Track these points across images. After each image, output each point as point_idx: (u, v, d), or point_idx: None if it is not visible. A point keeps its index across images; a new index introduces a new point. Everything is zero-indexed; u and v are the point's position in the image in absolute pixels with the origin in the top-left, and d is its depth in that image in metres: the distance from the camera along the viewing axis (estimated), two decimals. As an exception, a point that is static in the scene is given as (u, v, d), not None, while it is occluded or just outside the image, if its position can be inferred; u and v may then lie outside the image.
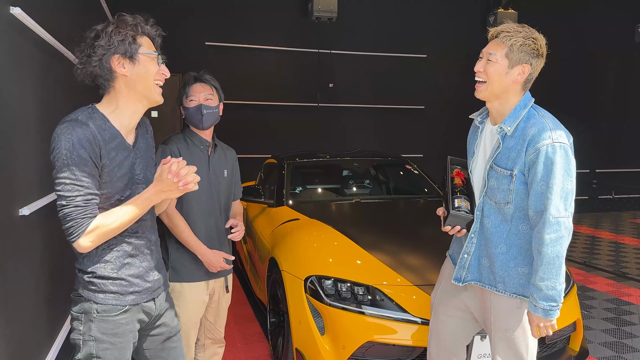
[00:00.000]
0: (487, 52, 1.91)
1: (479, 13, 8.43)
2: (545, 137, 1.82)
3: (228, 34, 7.45)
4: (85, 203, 1.48)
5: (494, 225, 1.97)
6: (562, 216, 1.80)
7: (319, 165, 4.79)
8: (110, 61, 1.54)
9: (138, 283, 1.65)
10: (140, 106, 1.63)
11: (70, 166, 1.46)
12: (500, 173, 1.92)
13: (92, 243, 1.50)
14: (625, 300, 4.59)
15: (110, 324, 1.60)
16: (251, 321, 4.02)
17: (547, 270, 1.82)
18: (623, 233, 7.69)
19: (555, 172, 1.79)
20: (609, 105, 9.42)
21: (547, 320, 1.86)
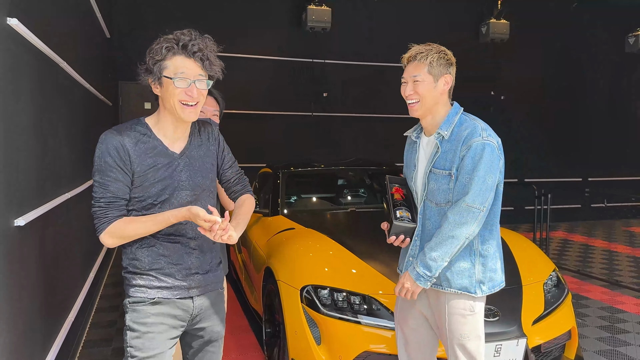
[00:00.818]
0: (410, 75, 2.09)
1: (472, 23, 8.51)
2: (476, 136, 1.99)
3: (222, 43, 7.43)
4: (107, 204, 1.65)
5: (434, 226, 2.08)
6: (475, 207, 1.96)
7: (314, 175, 4.80)
8: (148, 80, 1.71)
9: (167, 280, 1.75)
10: (177, 121, 1.74)
11: (99, 171, 1.66)
12: (439, 174, 2.06)
13: (112, 242, 1.67)
14: (619, 309, 4.61)
15: (140, 313, 1.73)
16: (246, 332, 4.00)
17: (439, 243, 1.98)
18: (616, 241, 7.74)
19: (479, 167, 1.95)
20: (599, 114, 9.52)
21: (414, 285, 2.03)
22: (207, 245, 1.86)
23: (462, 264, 2.06)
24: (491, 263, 2.08)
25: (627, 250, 7.13)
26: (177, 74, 1.67)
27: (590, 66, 9.34)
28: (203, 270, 1.84)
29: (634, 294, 5.05)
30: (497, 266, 2.11)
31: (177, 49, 1.68)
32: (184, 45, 1.69)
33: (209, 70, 1.74)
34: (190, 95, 1.68)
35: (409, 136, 2.32)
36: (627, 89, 9.65)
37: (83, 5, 4.16)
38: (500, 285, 2.13)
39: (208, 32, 1.85)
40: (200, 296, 1.83)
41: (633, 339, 3.91)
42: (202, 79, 1.71)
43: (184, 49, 1.69)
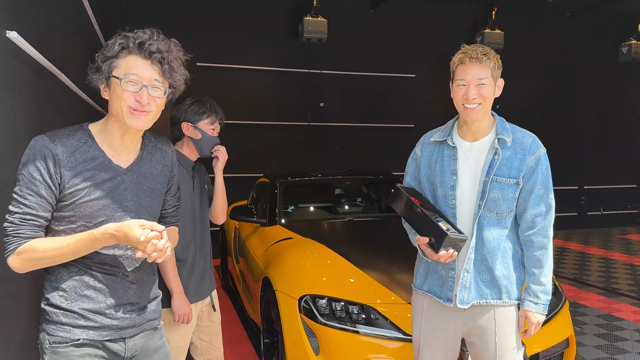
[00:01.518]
0: (475, 77, 1.93)
1: (466, 34, 8.58)
2: (540, 146, 1.99)
3: (219, 54, 7.52)
4: (21, 222, 1.40)
5: (494, 237, 1.98)
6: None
7: (311, 184, 4.80)
8: (98, 82, 1.48)
9: (95, 319, 1.49)
10: (126, 128, 1.49)
11: (19, 182, 1.41)
12: (504, 183, 1.96)
13: (19, 265, 1.40)
14: (616, 316, 4.62)
15: (62, 356, 1.46)
16: (244, 342, 3.99)
17: (549, 265, 1.97)
18: (612, 249, 7.76)
19: (549, 177, 1.99)
20: (594, 122, 9.58)
21: (543, 315, 1.98)
22: (147, 278, 1.63)
23: (517, 274, 2.03)
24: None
25: (623, 258, 7.15)
26: (127, 74, 1.43)
27: (584, 75, 9.42)
28: (140, 306, 1.59)
29: (631, 302, 5.06)
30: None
31: (133, 47, 1.44)
32: (140, 44, 1.44)
33: (169, 77, 1.49)
34: (139, 102, 1.44)
35: (437, 141, 2.12)
36: (621, 98, 9.73)
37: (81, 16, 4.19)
38: None
39: (206, 44, 1.80)
40: (134, 337, 1.58)
41: (631, 346, 3.92)
42: (158, 86, 1.47)
43: (140, 47, 1.44)
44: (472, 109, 1.94)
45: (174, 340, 2.29)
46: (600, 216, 9.66)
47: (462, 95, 1.95)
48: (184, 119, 2.37)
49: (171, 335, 2.25)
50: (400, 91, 8.36)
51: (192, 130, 2.37)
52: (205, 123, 2.38)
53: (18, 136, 2.22)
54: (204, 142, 2.38)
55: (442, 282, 2.06)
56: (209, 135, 2.39)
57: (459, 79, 1.96)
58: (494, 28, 8.24)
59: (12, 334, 2.03)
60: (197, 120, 2.36)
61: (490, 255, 1.98)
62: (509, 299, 2.00)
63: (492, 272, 1.99)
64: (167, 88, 1.51)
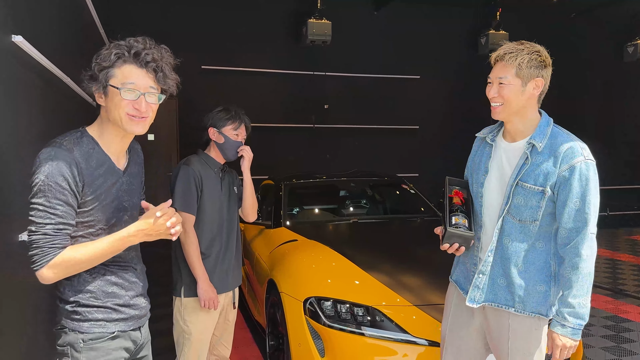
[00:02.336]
0: (496, 76, 1.90)
1: (471, 35, 8.58)
2: (578, 154, 1.83)
3: (223, 58, 7.54)
4: (55, 232, 1.41)
5: (514, 244, 1.93)
6: (595, 233, 1.86)
7: (316, 186, 4.80)
8: (92, 89, 1.52)
9: (124, 311, 1.59)
10: (124, 132, 1.56)
11: (45, 192, 1.40)
12: (529, 190, 1.88)
13: (55, 275, 1.42)
14: (623, 318, 4.59)
15: (99, 351, 1.53)
16: (249, 345, 3.99)
17: (581, 286, 1.82)
18: (619, 250, 7.71)
19: (590, 189, 1.83)
20: (599, 123, 9.54)
21: (574, 341, 1.83)
22: (142, 268, 1.74)
23: (540, 287, 1.92)
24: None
25: (630, 259, 7.10)
26: (125, 84, 1.49)
27: (589, 76, 9.38)
28: (145, 296, 1.71)
29: (638, 303, 5.02)
30: None
31: (128, 57, 1.49)
32: (136, 54, 1.50)
33: (162, 83, 1.56)
34: (138, 109, 1.50)
35: (482, 138, 2.12)
36: (626, 98, 9.68)
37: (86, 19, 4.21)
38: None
39: (211, 47, 1.83)
40: (145, 324, 1.71)
41: (638, 348, 3.89)
42: (154, 93, 1.54)
43: (135, 57, 1.50)
44: (494, 107, 1.92)
45: (196, 331, 2.42)
46: (606, 217, 9.61)
47: (487, 94, 1.94)
48: (210, 124, 2.55)
49: (193, 325, 2.38)
50: (405, 93, 8.36)
51: (217, 135, 2.54)
52: (229, 129, 2.54)
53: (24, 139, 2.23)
54: (227, 146, 2.55)
55: (466, 274, 2.09)
56: (232, 140, 2.54)
57: (488, 77, 1.95)
58: (498, 29, 8.22)
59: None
60: (222, 125, 2.53)
61: (508, 262, 1.94)
62: (523, 309, 1.93)
63: (509, 278, 1.94)
64: (160, 94, 1.58)
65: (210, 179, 2.49)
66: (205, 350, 2.49)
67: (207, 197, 2.46)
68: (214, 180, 2.51)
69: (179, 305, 2.45)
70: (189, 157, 2.54)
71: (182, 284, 2.44)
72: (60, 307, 1.53)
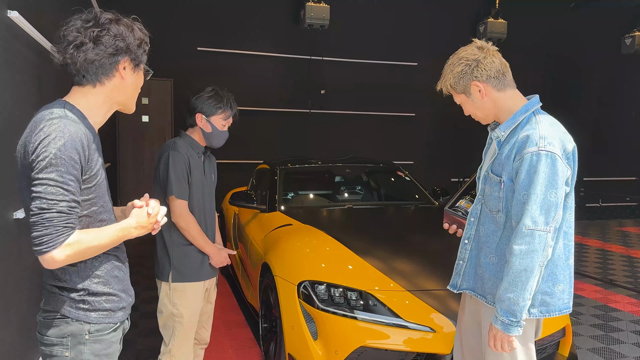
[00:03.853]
0: (457, 103, 2.01)
1: (469, 23, 8.54)
2: (532, 144, 1.73)
3: (220, 39, 7.47)
4: (69, 210, 1.30)
5: (486, 233, 1.91)
6: (538, 229, 1.70)
7: (311, 171, 4.80)
8: (120, 60, 1.44)
9: (125, 298, 1.54)
10: (116, 107, 1.52)
11: (58, 167, 1.28)
12: (493, 180, 1.88)
13: (67, 258, 1.30)
14: (612, 307, 4.65)
15: (103, 344, 1.45)
16: (242, 327, 4.01)
17: (512, 282, 1.72)
18: (610, 241, 7.79)
19: (537, 182, 1.70)
20: (595, 115, 9.56)
21: (505, 335, 1.77)
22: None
23: None
24: (544, 285, 1.82)
25: (621, 249, 7.18)
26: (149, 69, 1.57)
27: (586, 67, 9.38)
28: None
29: (627, 293, 5.09)
30: (556, 290, 1.84)
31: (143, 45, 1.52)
32: (144, 43, 1.52)
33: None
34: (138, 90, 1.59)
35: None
36: (623, 90, 9.70)
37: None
38: (563, 311, 1.86)
39: (207, 28, 1.81)
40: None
41: (626, 337, 3.95)
42: None
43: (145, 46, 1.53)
44: (480, 122, 1.99)
45: (187, 314, 2.42)
46: (598, 208, 9.69)
47: None
48: (200, 110, 2.46)
49: (184, 308, 2.38)
50: (402, 79, 8.33)
51: (204, 123, 2.48)
52: (219, 118, 2.49)
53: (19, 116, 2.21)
54: (213, 136, 2.50)
55: (457, 273, 2.09)
56: (218, 131, 2.50)
57: None
58: (497, 17, 8.18)
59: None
60: (212, 114, 2.47)
61: (481, 252, 1.94)
62: (493, 301, 1.87)
63: (481, 268, 1.94)
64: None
65: (195, 163, 2.45)
66: (194, 331, 2.51)
67: (193, 181, 2.43)
68: (198, 165, 2.47)
69: (167, 289, 2.42)
70: (175, 140, 2.47)
71: (170, 268, 2.40)
72: (61, 295, 1.42)
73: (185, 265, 2.42)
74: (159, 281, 2.47)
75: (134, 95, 1.53)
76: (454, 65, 1.90)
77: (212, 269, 2.54)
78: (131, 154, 7.58)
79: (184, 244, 2.42)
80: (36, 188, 1.28)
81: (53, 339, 1.41)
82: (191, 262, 2.44)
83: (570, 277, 1.88)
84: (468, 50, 1.90)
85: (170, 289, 2.41)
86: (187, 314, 2.42)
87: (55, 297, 1.42)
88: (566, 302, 1.87)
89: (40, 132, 1.31)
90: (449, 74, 1.91)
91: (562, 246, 1.85)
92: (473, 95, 1.89)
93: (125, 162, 7.56)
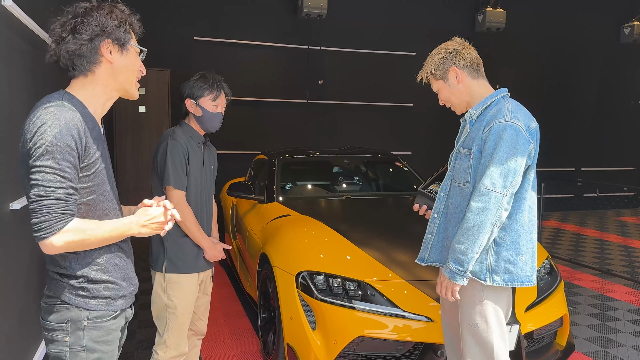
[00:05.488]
0: (434, 91, 2.19)
1: (468, 12, 8.49)
2: (499, 117, 1.93)
3: (217, 29, 7.42)
4: (67, 197, 1.32)
5: (454, 205, 2.06)
6: (495, 190, 1.87)
7: (310, 162, 4.79)
8: (100, 44, 1.43)
9: (125, 287, 1.54)
10: (116, 95, 1.53)
11: (54, 154, 1.30)
12: (462, 153, 2.05)
13: (66, 244, 1.32)
14: (609, 297, 4.67)
15: (101, 330, 1.47)
16: (241, 317, 4.02)
17: (464, 234, 1.90)
18: (607, 231, 7.81)
19: (500, 148, 1.88)
20: (593, 104, 9.55)
21: (451, 283, 1.95)
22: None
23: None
24: (507, 253, 1.97)
25: (618, 239, 7.20)
26: (140, 47, 1.52)
27: (585, 56, 9.35)
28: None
29: (624, 283, 5.11)
30: (519, 260, 1.98)
31: (132, 23, 1.52)
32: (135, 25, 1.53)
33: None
34: (142, 72, 1.56)
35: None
36: (621, 80, 9.68)
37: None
38: (525, 283, 1.99)
39: (203, 18, 1.79)
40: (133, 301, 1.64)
41: (623, 326, 3.97)
42: None
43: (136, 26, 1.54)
44: (453, 109, 2.16)
45: (181, 305, 2.39)
46: (596, 198, 9.70)
47: None
48: (187, 95, 2.41)
49: (178, 299, 2.36)
50: (400, 70, 8.29)
51: (194, 107, 2.42)
52: (207, 99, 2.41)
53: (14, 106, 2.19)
54: (205, 119, 2.43)
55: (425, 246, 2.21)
56: (210, 113, 2.42)
57: None
58: (496, 7, 8.14)
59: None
60: (199, 96, 2.40)
61: (450, 223, 2.07)
62: None
63: (449, 239, 2.06)
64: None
65: (194, 153, 2.40)
66: (188, 323, 2.47)
67: (191, 171, 2.39)
68: (197, 154, 2.42)
69: (161, 280, 2.39)
70: (174, 129, 2.43)
71: (164, 259, 2.38)
72: (62, 282, 1.44)
73: (179, 256, 2.39)
74: (153, 271, 2.45)
75: (130, 79, 1.51)
76: (435, 54, 2.12)
77: (207, 262, 2.51)
78: (129, 144, 7.56)
79: (180, 234, 2.38)
80: (34, 176, 1.30)
81: (54, 324, 1.43)
82: (186, 253, 2.40)
83: (532, 251, 2.01)
84: (448, 43, 2.12)
85: (165, 280, 2.38)
86: (181, 305, 2.39)
87: (56, 284, 1.45)
88: (528, 274, 2.00)
89: (37, 120, 1.33)
90: (430, 61, 2.12)
91: (526, 219, 2.00)
92: (450, 81, 2.08)
93: (123, 153, 7.54)
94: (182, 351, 2.44)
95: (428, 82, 2.18)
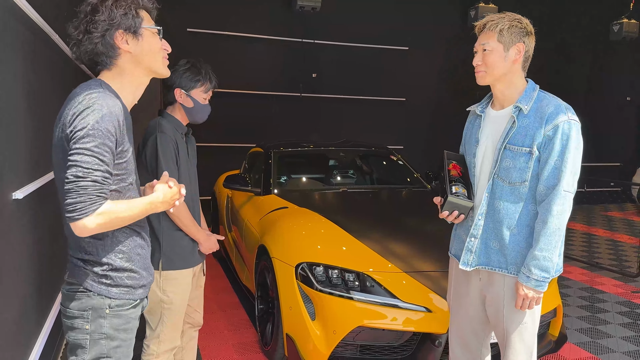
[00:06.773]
0: (479, 44, 2.00)
1: (460, 7, 8.53)
2: (562, 114, 1.91)
3: (210, 20, 7.37)
4: (103, 180, 1.35)
5: (506, 206, 1.97)
6: (570, 191, 1.89)
7: (305, 155, 4.81)
8: (113, 37, 1.44)
9: (146, 276, 1.56)
10: (146, 79, 1.56)
11: (95, 137, 1.33)
12: (516, 152, 1.94)
13: (98, 227, 1.34)
14: (598, 289, 4.76)
15: (122, 318, 1.49)
16: (237, 308, 4.04)
17: (548, 241, 1.87)
18: (595, 225, 7.94)
19: (569, 148, 1.88)
20: (582, 101, 9.66)
21: (537, 292, 1.91)
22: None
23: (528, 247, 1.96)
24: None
25: (606, 234, 7.33)
26: (152, 25, 1.53)
27: (575, 53, 9.45)
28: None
29: (612, 276, 5.21)
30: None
31: (143, 1, 1.54)
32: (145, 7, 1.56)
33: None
34: (167, 49, 1.57)
35: (472, 110, 2.21)
36: (609, 76, 9.80)
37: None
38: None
39: (197, 9, 1.78)
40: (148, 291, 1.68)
41: (612, 317, 4.05)
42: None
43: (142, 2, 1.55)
44: (477, 73, 2.02)
45: (177, 300, 2.34)
46: (584, 193, 9.84)
47: (473, 63, 2.02)
48: (177, 85, 2.34)
49: (174, 295, 2.32)
50: (393, 64, 8.32)
51: (184, 98, 2.35)
52: (199, 91, 2.36)
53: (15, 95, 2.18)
54: (196, 111, 2.38)
55: (462, 245, 2.10)
56: (200, 105, 2.37)
57: (474, 47, 2.04)
58: (488, 3, 8.18)
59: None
60: (191, 87, 2.34)
61: (501, 224, 1.98)
62: (517, 271, 1.96)
63: (501, 241, 1.99)
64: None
65: (181, 144, 2.33)
66: (183, 317, 2.45)
67: (180, 164, 2.33)
68: (183, 147, 2.36)
69: (157, 277, 2.32)
70: (160, 121, 2.35)
71: (160, 256, 2.30)
72: (85, 269, 1.45)
73: (175, 252, 2.34)
74: None
75: (154, 60, 1.53)
76: (515, 20, 1.97)
77: (200, 255, 2.47)
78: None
79: (174, 229, 2.33)
80: (73, 157, 1.33)
81: (75, 311, 1.45)
82: (182, 248, 2.36)
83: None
84: (525, 20, 1.99)
85: (161, 277, 2.32)
86: (177, 300, 2.35)
87: (79, 270, 1.46)
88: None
89: (79, 105, 1.36)
90: (506, 21, 1.96)
91: None
92: (509, 53, 1.95)
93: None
94: (176, 344, 2.42)
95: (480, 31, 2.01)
